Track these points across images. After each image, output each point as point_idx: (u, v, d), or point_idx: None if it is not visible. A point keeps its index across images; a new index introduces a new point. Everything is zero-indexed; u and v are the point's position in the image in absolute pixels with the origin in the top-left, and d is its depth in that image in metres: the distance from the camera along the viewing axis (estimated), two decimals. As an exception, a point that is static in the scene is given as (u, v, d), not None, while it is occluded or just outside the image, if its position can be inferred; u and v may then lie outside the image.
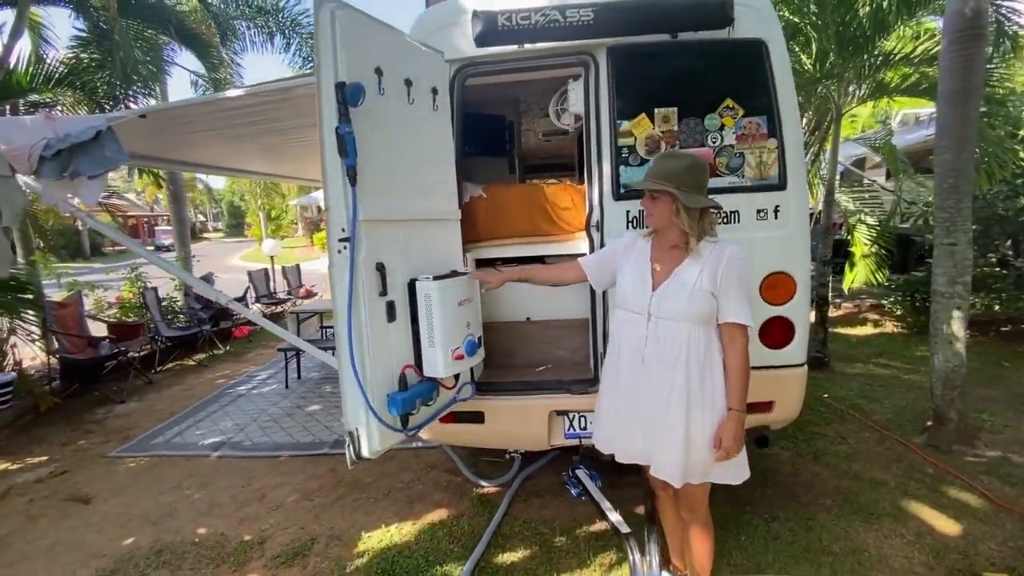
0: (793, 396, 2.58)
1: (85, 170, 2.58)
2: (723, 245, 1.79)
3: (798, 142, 2.47)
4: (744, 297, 1.76)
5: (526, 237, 2.82)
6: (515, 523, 2.69)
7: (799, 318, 2.51)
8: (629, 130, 2.46)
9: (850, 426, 3.64)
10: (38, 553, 2.69)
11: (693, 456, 1.79)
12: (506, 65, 2.55)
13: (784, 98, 2.43)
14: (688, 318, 1.76)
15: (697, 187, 1.75)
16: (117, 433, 4.29)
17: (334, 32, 1.74)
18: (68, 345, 4.98)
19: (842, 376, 4.72)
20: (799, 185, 2.46)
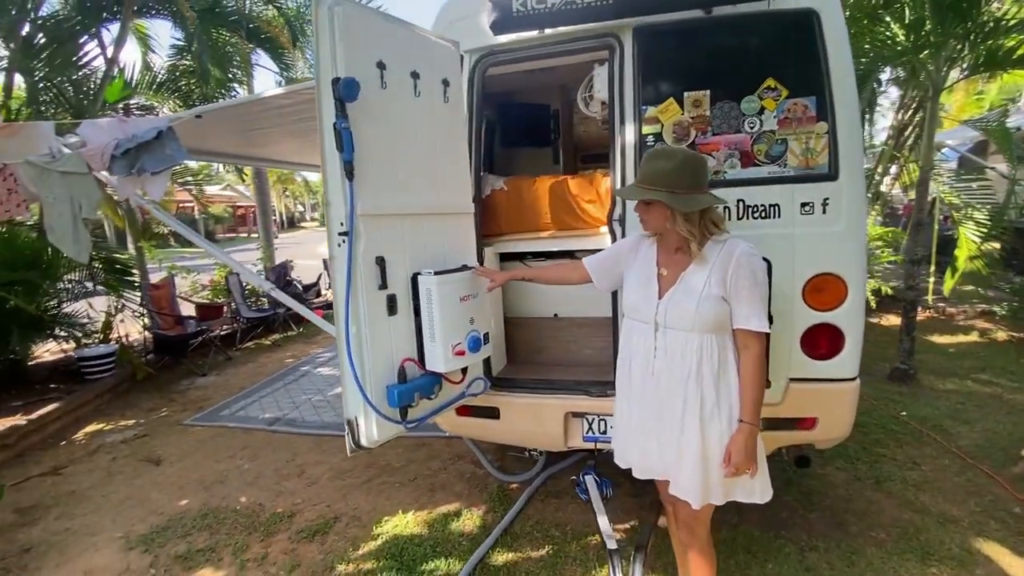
0: (841, 414, 2.29)
1: (149, 167, 2.83)
2: (732, 244, 1.62)
3: (854, 126, 2.16)
4: (758, 300, 1.59)
5: (549, 231, 2.73)
6: (527, 523, 2.64)
7: (851, 326, 2.21)
8: (655, 116, 2.28)
9: (927, 451, 3.18)
10: (109, 506, 3.06)
11: (713, 474, 1.64)
12: (527, 52, 2.46)
13: (839, 76, 2.12)
14: (698, 327, 1.61)
15: (693, 185, 1.57)
16: (194, 403, 4.78)
17: (332, 28, 1.76)
18: (160, 322, 5.61)
19: (930, 392, 4.14)
20: (855, 175, 2.16)
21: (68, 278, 5.13)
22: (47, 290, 4.89)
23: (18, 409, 4.23)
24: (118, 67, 5.51)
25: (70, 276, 5.14)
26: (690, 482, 1.63)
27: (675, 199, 1.54)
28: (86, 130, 3.08)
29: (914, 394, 4.09)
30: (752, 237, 2.16)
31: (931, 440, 3.30)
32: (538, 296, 3.00)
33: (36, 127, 3.11)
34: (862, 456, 3.11)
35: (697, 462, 1.62)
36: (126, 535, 2.75)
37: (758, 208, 2.21)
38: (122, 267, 5.60)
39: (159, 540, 2.69)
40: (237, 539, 2.67)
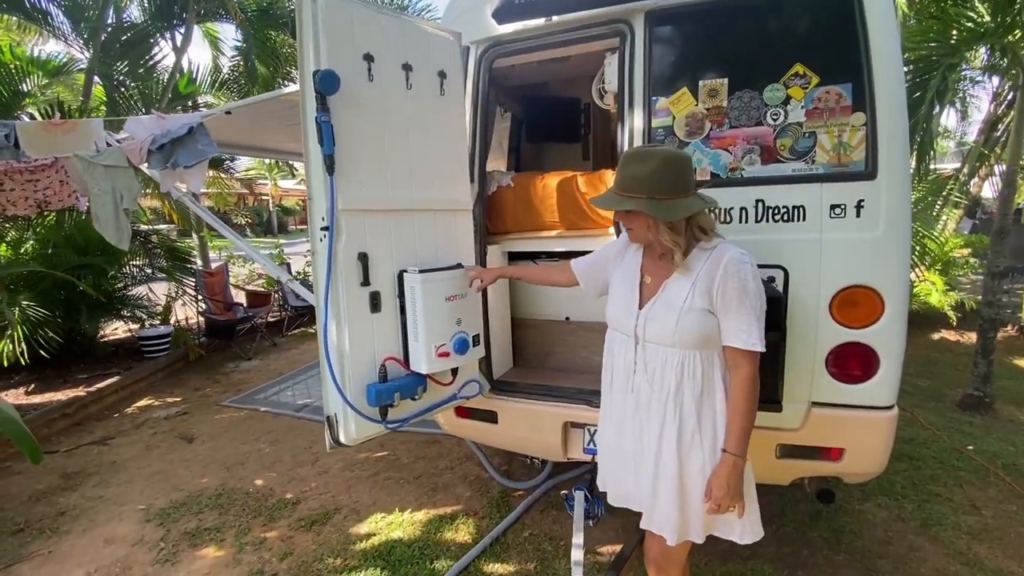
0: (872, 447, 2.02)
1: (182, 161, 2.98)
2: (720, 251, 1.43)
3: (898, 117, 1.88)
4: (749, 313, 1.40)
5: (556, 230, 2.60)
6: (522, 532, 2.54)
7: (888, 347, 1.94)
8: (666, 107, 2.09)
9: (992, 493, 2.75)
10: (140, 479, 3.27)
11: (691, 508, 1.47)
12: (535, 42, 2.33)
13: (882, 58, 1.85)
14: (679, 343, 1.45)
15: (675, 188, 1.39)
16: (234, 386, 5.05)
17: (315, 20, 1.74)
18: (213, 307, 5.98)
19: (1007, 425, 3.60)
20: (897, 173, 1.87)
21: (133, 263, 5.58)
22: (114, 274, 5.34)
23: (82, 382, 4.65)
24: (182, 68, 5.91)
25: (135, 262, 5.59)
26: (666, 516, 1.47)
27: (655, 207, 1.37)
28: (131, 126, 3.29)
29: (987, 426, 3.58)
30: (772, 242, 1.97)
31: (999, 481, 2.86)
32: (549, 298, 2.88)
33: (89, 123, 3.36)
34: (911, 493, 2.74)
35: (673, 493, 1.46)
36: (148, 508, 2.92)
37: (779, 210, 1.98)
38: (181, 254, 6.02)
39: (174, 515, 2.83)
40: (243, 521, 2.76)
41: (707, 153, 2.05)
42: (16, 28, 6.32)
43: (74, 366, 4.99)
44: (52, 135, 3.18)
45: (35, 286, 4.53)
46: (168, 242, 6.00)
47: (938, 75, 3.06)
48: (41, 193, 2.94)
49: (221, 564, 2.43)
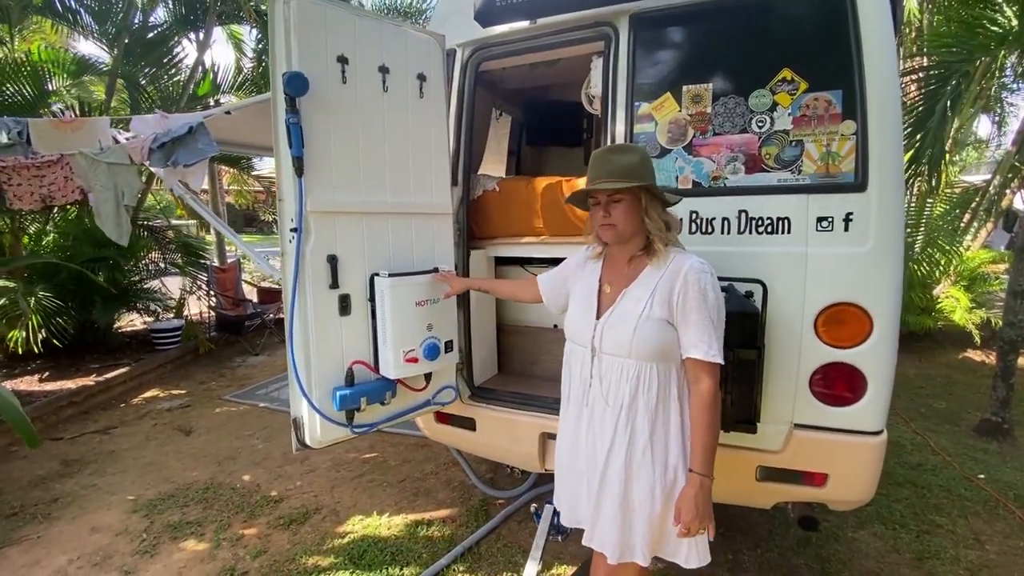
0: (858, 474, 1.91)
1: (182, 160, 3.04)
2: (680, 260, 1.42)
3: (891, 125, 1.78)
4: (709, 325, 1.37)
5: (541, 236, 2.56)
6: (497, 543, 2.50)
7: (876, 369, 1.84)
8: (649, 113, 2.03)
9: (999, 526, 2.58)
10: (135, 469, 3.34)
11: (636, 528, 1.43)
12: (520, 45, 2.30)
13: (875, 65, 1.76)
14: (636, 354, 1.41)
15: (655, 180, 1.47)
16: (238, 380, 5.14)
17: (287, 22, 1.74)
18: (224, 303, 6.11)
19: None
20: (889, 185, 1.77)
21: (148, 257, 5.74)
22: (130, 268, 5.50)
23: (93, 371, 4.80)
24: (203, 68, 6.07)
25: (150, 256, 5.75)
26: (606, 533, 1.42)
27: (654, 190, 1.43)
28: (136, 125, 3.37)
29: (1004, 454, 3.37)
30: (754, 255, 1.89)
31: (1008, 514, 2.68)
32: (536, 305, 2.82)
33: (96, 122, 3.46)
34: (910, 523, 2.60)
35: (616, 509, 1.41)
36: (136, 498, 2.98)
37: (763, 221, 1.89)
38: (195, 250, 6.17)
39: (160, 507, 2.88)
40: (224, 517, 2.79)
41: (689, 161, 1.98)
42: (49, 28, 6.61)
43: (87, 356, 5.15)
44: (61, 133, 3.28)
45: (52, 278, 4.69)
46: (183, 238, 6.14)
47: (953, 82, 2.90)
48: (46, 188, 3.04)
49: (197, 559, 2.45)
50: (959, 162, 6.57)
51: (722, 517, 2.58)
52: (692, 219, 1.97)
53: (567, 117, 3.89)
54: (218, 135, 3.36)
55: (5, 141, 3.22)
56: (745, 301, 1.79)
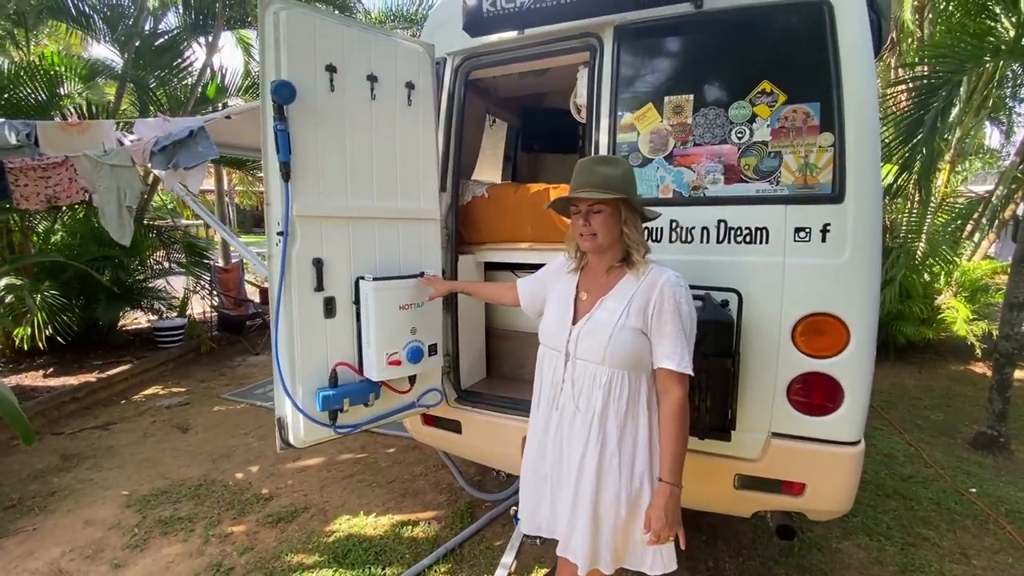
0: (835, 484, 1.92)
1: (183, 162, 3.12)
2: (656, 272, 1.46)
3: (868, 138, 1.79)
4: (682, 337, 1.41)
5: (529, 242, 2.59)
6: (479, 545, 2.52)
7: (853, 380, 1.85)
8: (631, 123, 2.06)
9: (987, 541, 2.56)
10: (131, 465, 3.40)
11: (601, 536, 1.45)
12: (509, 54, 2.34)
13: (852, 78, 1.78)
14: (609, 361, 1.44)
15: (636, 193, 1.51)
16: (237, 379, 5.21)
17: (277, 32, 1.79)
18: (226, 302, 6.19)
19: (1022, 467, 3.36)
20: (866, 197, 1.79)
21: (153, 257, 5.85)
22: (135, 267, 5.60)
23: (96, 368, 4.89)
24: (211, 71, 6.19)
25: (155, 255, 5.86)
26: (580, 542, 1.44)
27: (634, 202, 1.46)
28: (139, 128, 3.46)
29: (999, 467, 3.34)
30: (733, 265, 1.91)
31: (998, 529, 2.66)
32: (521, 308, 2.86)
33: (101, 125, 3.55)
34: (896, 535, 2.58)
35: (588, 519, 1.43)
36: (131, 493, 3.04)
37: (742, 231, 1.91)
38: (199, 250, 6.27)
39: (153, 503, 2.94)
40: (215, 513, 2.83)
41: (670, 171, 2.00)
42: (64, 33, 6.78)
43: (91, 352, 5.25)
44: (68, 135, 3.38)
45: (59, 275, 4.80)
46: (188, 238, 6.25)
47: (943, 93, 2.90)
48: (51, 189, 3.12)
49: (185, 554, 2.50)
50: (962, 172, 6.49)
51: (705, 524, 2.60)
52: (672, 228, 2.00)
53: (561, 124, 3.91)
54: (221, 138, 3.45)
55: (14, 143, 3.31)
56: (720, 310, 1.81)
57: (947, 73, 2.96)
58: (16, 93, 4.72)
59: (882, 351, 5.72)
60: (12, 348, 4.92)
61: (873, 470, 3.25)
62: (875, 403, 4.47)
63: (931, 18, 4.89)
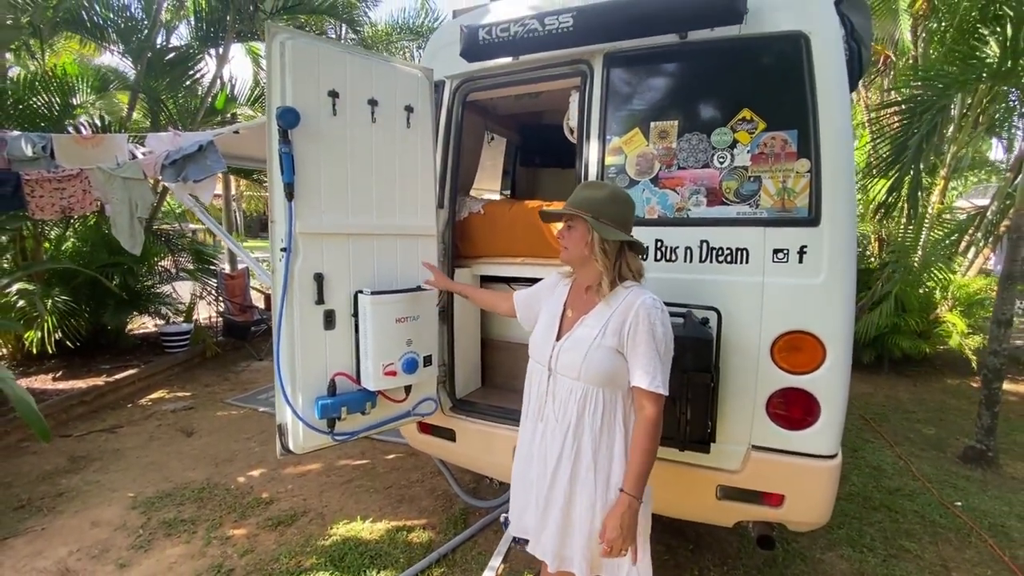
0: (814, 495, 1.99)
1: (192, 175, 3.24)
2: (635, 294, 1.51)
3: (843, 164, 1.88)
4: (655, 357, 1.46)
5: (522, 257, 2.68)
6: (472, 551, 2.60)
7: (829, 395, 1.92)
8: (619, 147, 2.16)
9: (968, 554, 2.62)
10: (137, 468, 3.50)
11: (574, 540, 1.53)
12: (504, 79, 2.46)
13: (827, 107, 1.87)
14: (584, 377, 1.51)
15: (618, 221, 1.52)
16: (241, 384, 5.31)
17: (283, 61, 1.90)
18: (231, 308, 6.32)
19: (1010, 482, 3.40)
20: (841, 220, 1.88)
21: (161, 264, 5.98)
22: (143, 273, 5.73)
23: (104, 372, 5.00)
24: (221, 82, 6.35)
25: (163, 263, 5.99)
26: (548, 542, 1.52)
27: (596, 224, 1.49)
28: (151, 142, 3.59)
29: (986, 482, 3.38)
30: (715, 283, 2.00)
31: (980, 542, 2.71)
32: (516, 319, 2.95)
33: (114, 139, 3.68)
34: (879, 547, 2.64)
35: (557, 521, 1.52)
36: (136, 495, 3.13)
37: (723, 251, 2.00)
38: (206, 257, 6.40)
39: (158, 505, 3.03)
40: (217, 516, 2.92)
41: (655, 192, 2.09)
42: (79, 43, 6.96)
43: (99, 356, 5.37)
44: (82, 148, 3.51)
45: (69, 281, 4.93)
46: (195, 245, 6.39)
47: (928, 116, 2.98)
48: (66, 200, 3.25)
49: (187, 555, 2.59)
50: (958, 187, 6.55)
51: (692, 534, 2.67)
52: (657, 247, 2.09)
53: (560, 140, 3.99)
54: (229, 150, 3.57)
55: (30, 155, 3.44)
56: (701, 328, 1.89)
57: (933, 97, 3.05)
58: (31, 103, 4.87)
59: (878, 364, 5.77)
60: (22, 351, 5.05)
61: (861, 482, 3.31)
62: (868, 416, 4.53)
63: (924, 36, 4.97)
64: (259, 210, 10.85)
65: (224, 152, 3.32)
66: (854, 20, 2.22)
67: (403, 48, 8.02)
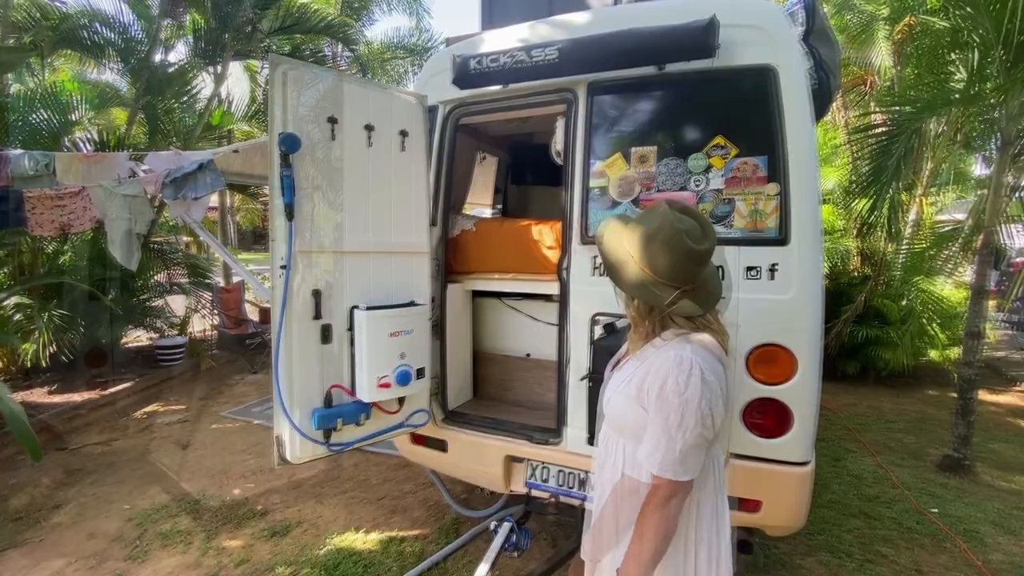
0: (788, 502, 2.09)
1: (190, 193, 3.33)
2: (670, 348, 1.19)
3: (809, 188, 2.01)
4: (663, 430, 1.15)
5: (512, 273, 2.79)
6: (463, 560, 2.67)
7: (800, 405, 2.03)
8: (602, 170, 2.28)
9: (942, 559, 2.72)
10: (132, 480, 3.54)
11: None
12: (494, 104, 2.58)
13: (795, 135, 2.01)
14: (607, 420, 1.34)
15: (659, 270, 1.17)
16: (236, 397, 5.35)
17: (284, 90, 2.02)
18: (226, 322, 6.37)
19: (984, 489, 3.52)
20: (808, 240, 2.00)
21: (156, 278, 6.04)
22: (138, 287, 5.79)
23: (99, 385, 5.03)
24: (219, 100, 6.47)
25: (158, 277, 6.05)
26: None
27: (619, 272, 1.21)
28: (152, 160, 3.68)
29: (962, 489, 3.50)
30: (692, 298, 2.10)
31: (953, 546, 2.81)
32: (513, 334, 3.05)
33: (115, 156, 3.78)
34: (856, 552, 2.74)
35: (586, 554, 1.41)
36: (132, 507, 3.18)
37: (700, 269, 2.11)
38: (201, 271, 6.47)
39: (154, 516, 3.07)
40: (212, 527, 2.97)
41: (636, 213, 2.21)
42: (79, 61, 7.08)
43: (95, 370, 5.39)
44: (84, 165, 3.60)
45: (65, 295, 4.97)
46: (190, 259, 6.45)
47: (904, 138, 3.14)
48: (65, 217, 3.33)
49: (183, 566, 2.64)
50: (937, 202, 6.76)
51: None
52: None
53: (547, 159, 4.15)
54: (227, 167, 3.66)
55: (31, 173, 3.53)
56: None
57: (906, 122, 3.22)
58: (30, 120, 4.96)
59: (863, 376, 5.90)
60: (17, 365, 5.08)
61: (842, 490, 3.41)
62: (851, 426, 4.64)
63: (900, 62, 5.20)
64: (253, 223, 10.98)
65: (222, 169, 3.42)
66: (821, 51, 2.38)
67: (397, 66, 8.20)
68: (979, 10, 3.12)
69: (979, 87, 3.40)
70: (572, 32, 2.27)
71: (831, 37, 2.55)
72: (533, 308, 2.93)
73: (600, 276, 2.27)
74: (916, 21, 4.36)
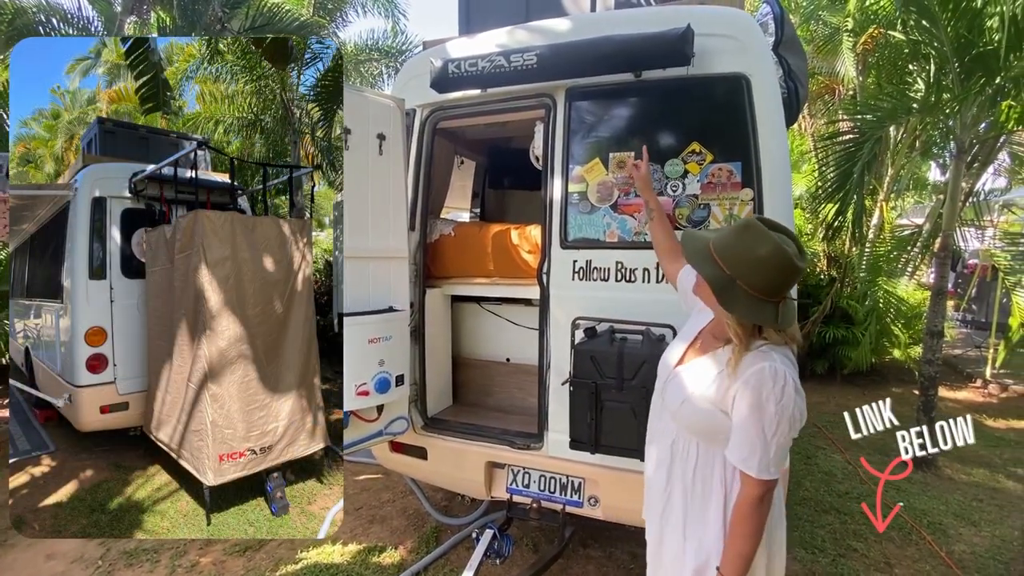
0: None
1: None
2: (760, 356, 1.23)
3: (782, 193, 2.06)
4: (757, 436, 1.20)
5: (491, 278, 2.78)
6: (443, 569, 2.63)
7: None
8: (581, 175, 2.30)
9: (909, 551, 2.81)
10: (94, 496, 3.38)
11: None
12: (472, 109, 2.57)
13: (767, 142, 2.05)
14: (678, 421, 1.37)
15: (766, 289, 1.20)
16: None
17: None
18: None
19: (947, 483, 3.67)
20: (781, 244, 2.04)
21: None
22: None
23: (57, 397, 4.79)
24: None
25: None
26: None
27: (725, 297, 1.21)
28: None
29: (926, 483, 3.64)
30: (670, 302, 2.12)
31: (920, 539, 2.92)
32: (492, 339, 3.03)
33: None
34: (829, 547, 2.81)
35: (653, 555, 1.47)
36: (94, 526, 3.03)
37: (677, 273, 2.14)
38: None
39: (118, 535, 2.94)
40: (180, 544, 2.85)
41: (615, 218, 2.24)
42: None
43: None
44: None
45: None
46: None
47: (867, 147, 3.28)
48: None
49: (150, 585, 2.53)
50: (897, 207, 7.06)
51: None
52: (618, 268, 2.22)
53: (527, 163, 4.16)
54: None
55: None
56: (658, 344, 2.02)
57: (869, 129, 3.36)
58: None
59: (831, 375, 6.09)
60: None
61: (814, 487, 3.50)
62: (820, 424, 4.78)
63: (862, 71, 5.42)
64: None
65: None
66: (791, 61, 2.46)
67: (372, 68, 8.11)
68: (936, 24, 3.28)
69: (937, 97, 3.56)
70: (551, 38, 2.28)
71: (800, 47, 2.64)
72: (512, 312, 2.92)
73: (581, 280, 2.28)
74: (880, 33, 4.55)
